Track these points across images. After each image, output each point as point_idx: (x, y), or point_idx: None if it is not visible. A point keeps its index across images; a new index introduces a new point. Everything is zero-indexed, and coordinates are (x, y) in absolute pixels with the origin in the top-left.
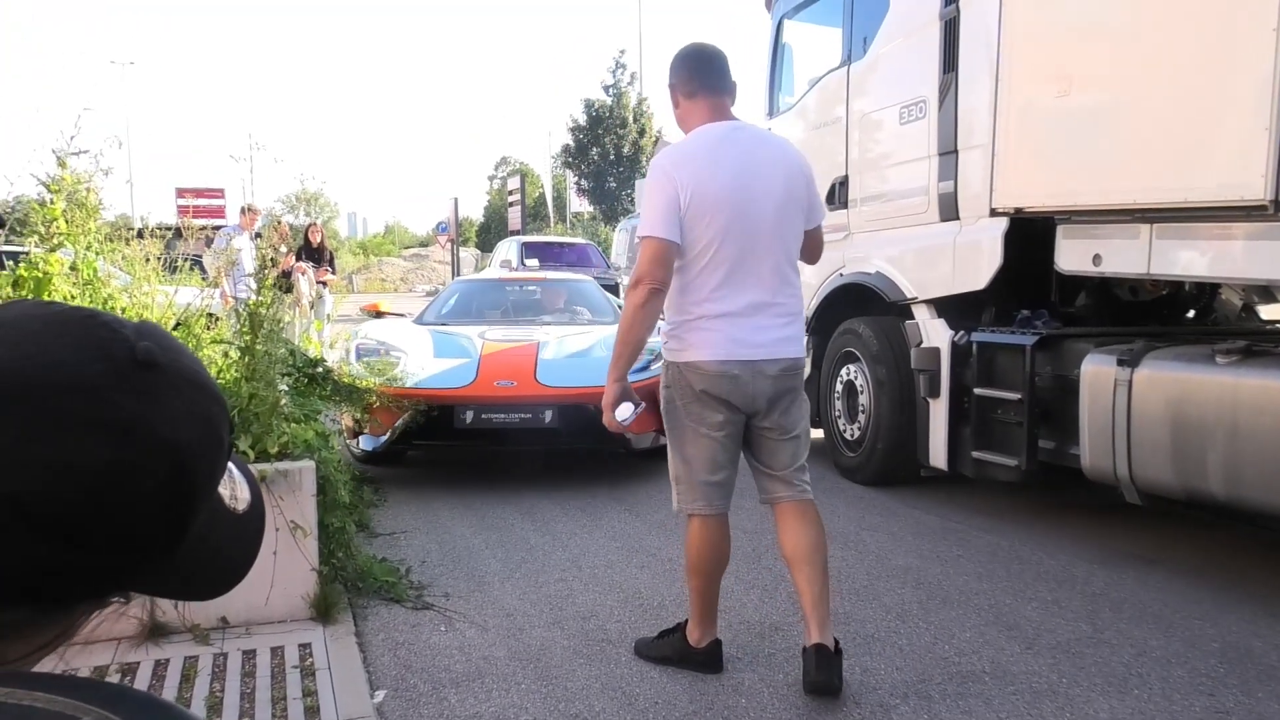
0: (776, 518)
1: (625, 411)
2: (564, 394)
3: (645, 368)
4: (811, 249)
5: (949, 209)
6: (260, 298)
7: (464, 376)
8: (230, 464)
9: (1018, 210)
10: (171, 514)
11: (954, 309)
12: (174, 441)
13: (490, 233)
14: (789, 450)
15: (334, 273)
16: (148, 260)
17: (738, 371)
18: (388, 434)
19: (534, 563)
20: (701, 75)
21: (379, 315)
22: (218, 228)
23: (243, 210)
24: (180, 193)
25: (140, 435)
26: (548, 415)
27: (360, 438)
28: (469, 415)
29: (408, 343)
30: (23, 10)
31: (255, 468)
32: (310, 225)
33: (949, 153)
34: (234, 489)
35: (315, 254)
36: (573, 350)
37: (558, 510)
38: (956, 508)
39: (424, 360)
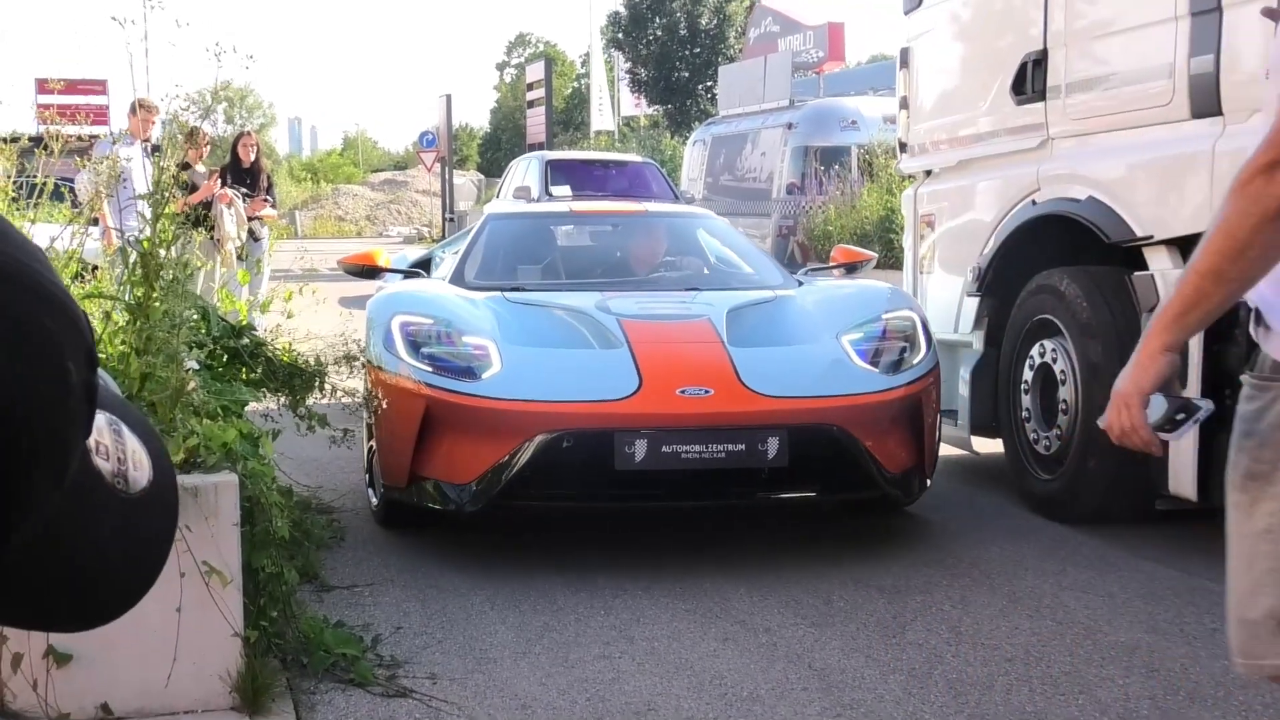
0: None
1: (1160, 411)
2: (796, 409)
3: (896, 363)
4: None
5: (1205, 98)
6: (158, 232)
7: (619, 381)
8: (119, 421)
9: None
10: None
11: None
12: None
13: (499, 149)
14: None
15: (274, 206)
16: None
17: None
18: (483, 480)
19: (561, 631)
20: None
21: (372, 273)
22: (95, 136)
23: (134, 108)
24: (43, 86)
25: None
26: (772, 446)
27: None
28: (639, 448)
29: (475, 321)
30: None
31: None
32: (241, 135)
33: (1208, 10)
34: (121, 458)
35: (247, 177)
36: (776, 332)
37: (595, 553)
38: (1209, 558)
39: (522, 352)
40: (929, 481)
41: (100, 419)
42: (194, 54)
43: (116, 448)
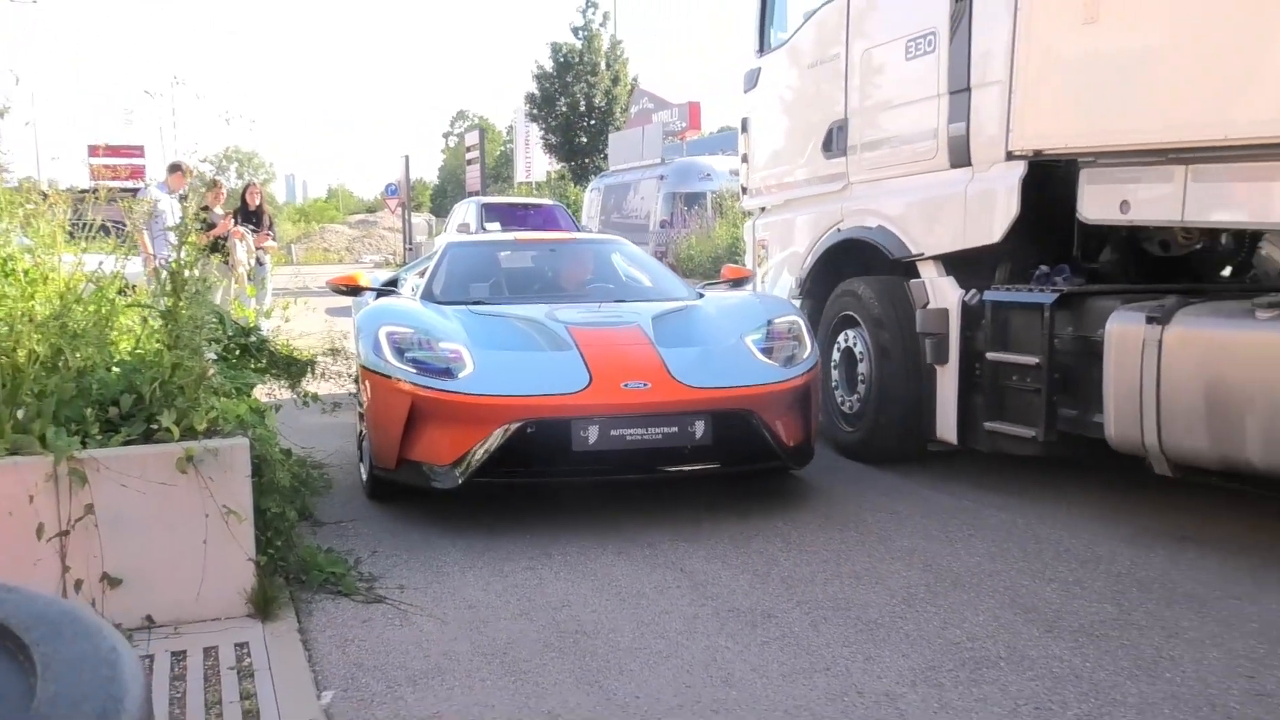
0: None
1: None
2: (717, 397)
3: (790, 358)
4: None
5: (960, 154)
6: (183, 256)
7: (572, 377)
8: None
9: (1037, 153)
10: None
11: (964, 266)
12: None
13: (446, 196)
14: None
15: (275, 239)
16: (51, 218)
17: None
18: (462, 462)
19: (498, 551)
20: None
21: (355, 291)
22: (134, 190)
23: (171, 169)
24: (94, 150)
25: None
26: (699, 428)
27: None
28: (592, 432)
29: (448, 330)
30: None
31: (181, 445)
32: (248, 185)
33: (961, 90)
34: None
35: (253, 218)
36: (692, 335)
37: (521, 494)
38: (967, 484)
39: (489, 354)
40: (813, 451)
41: None
42: (211, 120)
43: None
